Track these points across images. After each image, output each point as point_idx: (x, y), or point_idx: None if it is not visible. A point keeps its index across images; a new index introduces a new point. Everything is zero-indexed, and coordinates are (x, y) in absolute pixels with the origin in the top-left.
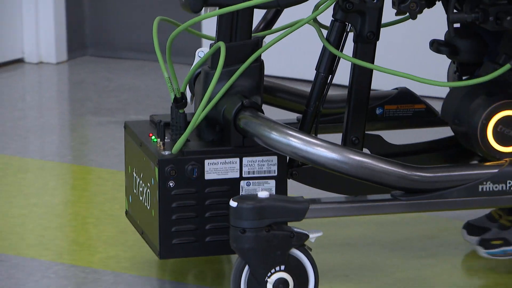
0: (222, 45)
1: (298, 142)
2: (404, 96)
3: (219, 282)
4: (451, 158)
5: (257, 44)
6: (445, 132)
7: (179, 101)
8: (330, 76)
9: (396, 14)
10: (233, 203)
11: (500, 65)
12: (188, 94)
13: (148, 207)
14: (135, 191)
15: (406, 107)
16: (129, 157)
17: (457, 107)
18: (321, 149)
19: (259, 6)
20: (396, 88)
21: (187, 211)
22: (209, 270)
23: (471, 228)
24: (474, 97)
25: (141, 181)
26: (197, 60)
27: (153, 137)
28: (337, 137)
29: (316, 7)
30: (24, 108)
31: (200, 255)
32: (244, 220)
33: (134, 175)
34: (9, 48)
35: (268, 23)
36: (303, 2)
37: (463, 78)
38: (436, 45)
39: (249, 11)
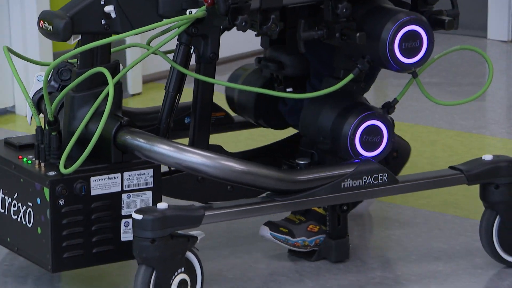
0: (104, 70)
1: (188, 156)
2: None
3: None
4: (287, 158)
5: (116, 67)
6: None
7: (53, 124)
8: (178, 94)
9: (256, 35)
10: (137, 216)
11: (340, 79)
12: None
13: (30, 225)
14: (2, 210)
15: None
16: None
17: (319, 127)
18: (218, 160)
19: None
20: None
21: (76, 226)
22: None
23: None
24: (333, 115)
25: (15, 201)
26: (36, 83)
27: (24, 159)
28: None
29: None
30: None
31: (88, 266)
32: (151, 230)
33: (1, 195)
34: None
35: None
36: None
37: (287, 90)
38: (263, 62)
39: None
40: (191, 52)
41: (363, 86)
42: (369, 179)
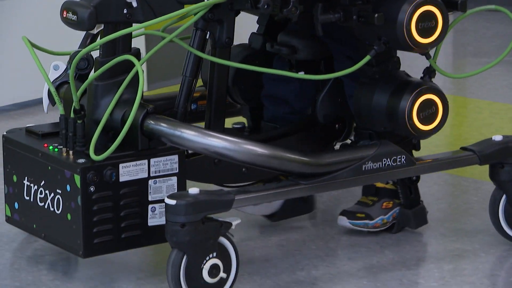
0: (133, 58)
1: (216, 141)
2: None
3: None
4: (311, 136)
5: (138, 55)
6: None
7: (79, 112)
8: (195, 79)
9: (276, 19)
10: (170, 201)
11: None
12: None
13: (59, 212)
14: (27, 198)
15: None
16: (14, 167)
17: (373, 107)
18: (244, 145)
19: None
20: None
21: (105, 212)
22: None
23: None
24: (387, 94)
25: (41, 189)
26: (52, 72)
27: (50, 147)
28: None
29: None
30: None
31: (117, 251)
32: (184, 215)
33: (27, 183)
34: None
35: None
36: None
37: (299, 73)
38: (276, 46)
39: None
40: (207, 37)
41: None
42: (388, 161)
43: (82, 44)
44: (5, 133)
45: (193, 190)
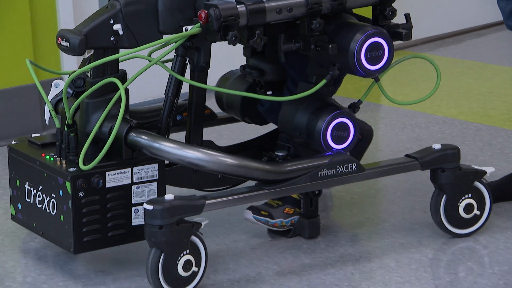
0: (116, 80)
1: (191, 152)
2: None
3: None
4: (267, 150)
5: (124, 76)
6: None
7: (71, 126)
8: (176, 98)
9: (244, 48)
10: (148, 206)
11: (313, 84)
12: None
13: (53, 213)
14: (28, 200)
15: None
16: (17, 173)
17: (296, 124)
18: (215, 157)
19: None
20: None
21: (93, 214)
22: None
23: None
24: (308, 113)
25: (39, 193)
26: (53, 89)
27: (47, 157)
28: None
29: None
30: None
31: (105, 247)
32: (160, 218)
33: (27, 187)
34: None
35: None
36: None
37: (268, 93)
38: (247, 69)
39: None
40: (187, 62)
41: (332, 89)
42: (341, 168)
43: (82, 65)
44: (14, 142)
45: (169, 196)
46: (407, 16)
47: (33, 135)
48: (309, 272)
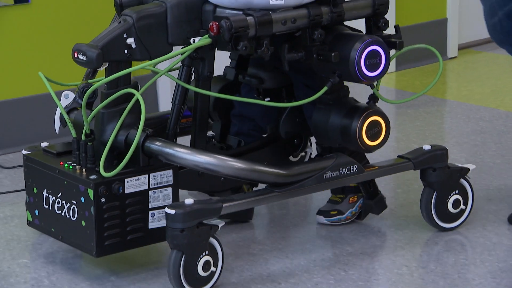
0: (135, 92)
1: (205, 158)
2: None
3: None
4: (274, 149)
5: (136, 87)
6: None
7: (89, 136)
8: (182, 106)
9: (251, 57)
10: (170, 211)
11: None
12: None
13: (74, 219)
14: (46, 206)
15: (189, 119)
16: (34, 181)
17: (329, 128)
18: (229, 162)
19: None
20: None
21: (114, 219)
22: None
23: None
24: (339, 117)
25: (59, 199)
26: (62, 100)
27: (65, 165)
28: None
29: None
30: None
31: (124, 250)
32: (182, 222)
33: (45, 194)
34: None
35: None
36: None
37: (266, 99)
38: (247, 78)
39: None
40: (192, 71)
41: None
42: (344, 170)
43: (86, 76)
44: (24, 151)
45: (189, 200)
46: (397, 27)
47: (42, 144)
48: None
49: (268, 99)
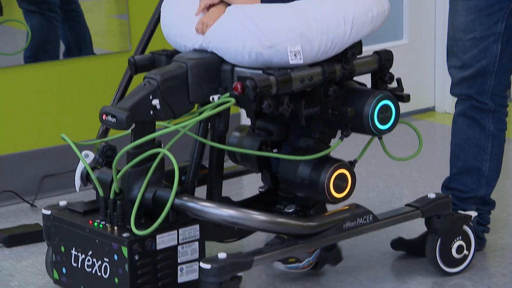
0: (167, 153)
1: (234, 213)
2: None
3: None
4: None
5: (160, 145)
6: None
7: (119, 195)
8: (200, 160)
9: (270, 114)
10: (205, 265)
11: (316, 139)
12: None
13: (106, 276)
14: (75, 264)
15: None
16: (62, 239)
17: (299, 173)
18: (254, 216)
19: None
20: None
21: (147, 275)
22: None
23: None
24: (311, 163)
25: (89, 257)
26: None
27: (95, 224)
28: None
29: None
30: None
31: None
32: (218, 276)
33: (74, 252)
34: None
35: None
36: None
37: (274, 151)
38: (257, 131)
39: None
40: (209, 127)
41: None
42: (361, 220)
43: (100, 135)
44: (44, 210)
45: (221, 255)
46: (399, 80)
47: (61, 203)
48: None
49: (275, 150)
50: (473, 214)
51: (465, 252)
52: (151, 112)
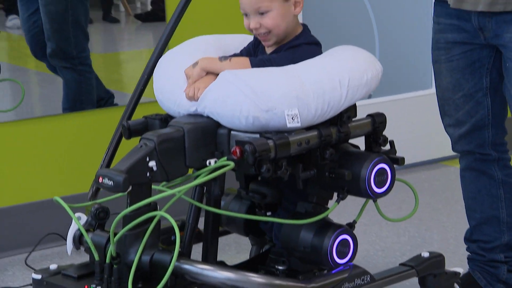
0: (168, 217)
1: (233, 275)
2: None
3: None
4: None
5: (156, 207)
6: None
7: (115, 259)
8: (196, 224)
9: (269, 178)
10: None
11: (314, 203)
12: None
13: None
14: None
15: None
16: None
17: (301, 240)
18: (251, 278)
19: None
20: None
21: None
22: None
23: None
24: (313, 229)
25: None
26: (74, 223)
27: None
28: None
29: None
30: None
31: None
32: None
33: None
34: None
35: None
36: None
37: (267, 214)
38: (250, 194)
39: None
40: (204, 191)
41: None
42: (358, 281)
43: (91, 196)
44: (34, 275)
45: None
46: (392, 142)
47: (51, 266)
48: None
49: (269, 213)
50: (460, 270)
51: None
52: (148, 174)
